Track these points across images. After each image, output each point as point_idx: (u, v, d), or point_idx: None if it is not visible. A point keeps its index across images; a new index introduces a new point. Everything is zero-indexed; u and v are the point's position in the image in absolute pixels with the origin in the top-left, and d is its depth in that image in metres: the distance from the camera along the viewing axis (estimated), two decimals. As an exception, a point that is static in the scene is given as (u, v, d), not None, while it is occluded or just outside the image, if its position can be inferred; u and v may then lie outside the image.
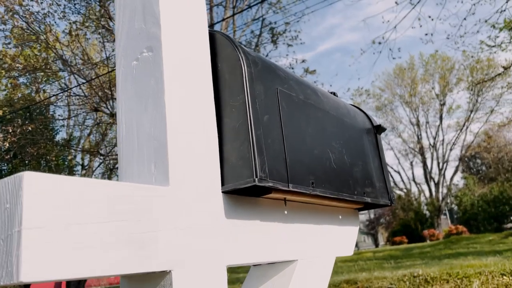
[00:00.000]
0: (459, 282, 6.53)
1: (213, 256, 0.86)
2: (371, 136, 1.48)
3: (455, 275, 6.78)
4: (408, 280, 7.20)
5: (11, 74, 18.21)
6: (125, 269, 0.69)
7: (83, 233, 0.64)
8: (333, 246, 1.27)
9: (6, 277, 0.57)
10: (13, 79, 18.54)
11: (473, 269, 6.89)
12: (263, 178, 0.90)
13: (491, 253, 10.25)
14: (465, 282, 6.50)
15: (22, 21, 15.74)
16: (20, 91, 19.89)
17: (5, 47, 17.53)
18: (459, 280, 6.58)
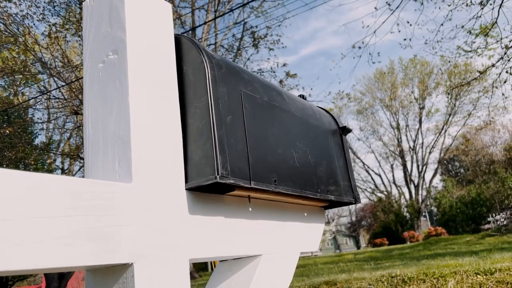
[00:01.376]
0: (435, 282, 6.68)
1: (176, 250, 0.90)
2: (337, 137, 1.54)
3: (432, 275, 6.93)
4: (386, 281, 7.32)
5: (-12, 77, 17.87)
6: (88, 261, 0.72)
7: (44, 227, 0.67)
8: (297, 242, 1.32)
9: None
10: (-10, 82, 18.20)
11: (448, 269, 7.05)
12: (225, 175, 0.94)
13: (468, 254, 10.49)
14: (441, 281, 6.65)
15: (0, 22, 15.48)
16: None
17: (-18, 49, 17.20)
18: (435, 280, 6.73)
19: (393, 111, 38.70)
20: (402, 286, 7.00)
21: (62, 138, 25.45)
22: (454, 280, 6.57)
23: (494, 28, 14.41)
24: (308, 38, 67.49)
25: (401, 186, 42.17)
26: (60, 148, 24.57)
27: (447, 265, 7.73)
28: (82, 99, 14.81)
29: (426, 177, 44.80)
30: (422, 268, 7.78)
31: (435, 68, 34.22)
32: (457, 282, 6.50)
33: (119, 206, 0.81)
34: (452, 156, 40.21)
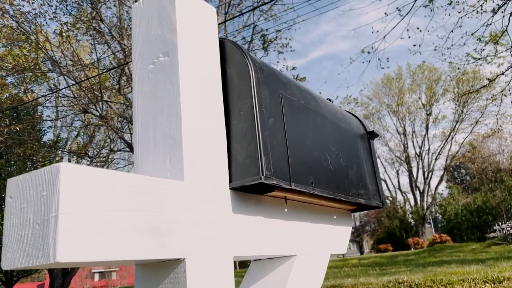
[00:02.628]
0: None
1: (222, 247, 0.92)
2: (365, 141, 1.56)
3: (439, 282, 6.91)
4: (393, 287, 7.30)
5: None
6: (145, 255, 0.75)
7: (108, 220, 0.70)
8: (328, 243, 1.34)
9: (42, 258, 0.63)
10: (0, 79, 18.36)
11: (456, 276, 7.03)
12: (269, 176, 0.97)
13: (474, 262, 10.44)
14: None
15: (12, 20, 15.63)
16: (8, 91, 19.70)
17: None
18: (443, 287, 6.71)
19: (400, 117, 38.61)
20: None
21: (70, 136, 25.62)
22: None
23: (504, 36, 14.36)
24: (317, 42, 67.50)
25: (406, 192, 42.03)
26: (68, 146, 24.72)
27: (454, 272, 7.70)
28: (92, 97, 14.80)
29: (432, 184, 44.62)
30: (429, 275, 7.76)
31: (443, 75, 34.13)
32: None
33: (172, 203, 0.83)
34: (459, 163, 40.02)
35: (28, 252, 0.65)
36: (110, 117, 18.97)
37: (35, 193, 0.67)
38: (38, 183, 0.67)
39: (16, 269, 0.66)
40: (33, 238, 0.65)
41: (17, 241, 0.67)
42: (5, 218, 0.70)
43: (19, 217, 0.68)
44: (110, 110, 19.47)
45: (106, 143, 24.73)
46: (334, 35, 67.77)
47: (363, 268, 13.48)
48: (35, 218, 0.66)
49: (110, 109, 19.03)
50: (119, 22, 16.60)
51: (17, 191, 0.70)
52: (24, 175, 0.70)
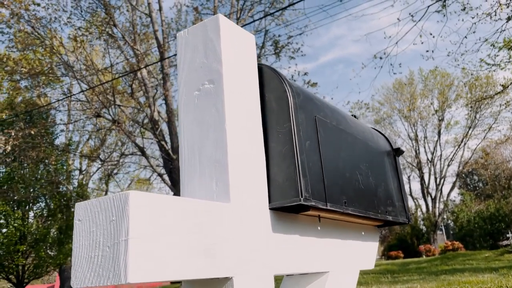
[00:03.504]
0: (457, 298, 6.63)
1: (264, 265, 0.97)
2: (391, 158, 1.60)
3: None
4: (406, 295, 7.28)
5: (13, 78, 18.34)
6: (200, 274, 0.80)
7: (170, 243, 0.76)
8: (357, 259, 1.39)
9: (114, 278, 0.69)
10: (14, 82, 18.67)
11: (470, 286, 6.99)
12: (307, 197, 1.02)
13: (487, 270, 10.34)
14: (462, 298, 6.59)
15: (27, 25, 15.90)
16: (22, 95, 20.00)
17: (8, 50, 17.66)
18: (457, 296, 6.68)
19: (412, 122, 38.37)
20: (423, 301, 6.95)
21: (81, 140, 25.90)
22: (477, 297, 6.51)
23: (519, 42, 14.25)
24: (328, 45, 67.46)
25: (417, 199, 41.67)
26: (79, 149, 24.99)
27: (468, 281, 7.64)
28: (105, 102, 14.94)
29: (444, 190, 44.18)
30: (442, 283, 7.72)
31: (455, 80, 33.88)
32: (480, 299, 6.44)
33: (222, 224, 0.89)
34: (471, 169, 39.63)
35: (99, 273, 0.71)
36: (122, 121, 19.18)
37: (104, 217, 0.73)
38: (107, 208, 0.73)
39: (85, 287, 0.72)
40: (103, 260, 0.71)
41: (87, 261, 0.73)
42: (74, 239, 0.76)
43: (89, 239, 0.74)
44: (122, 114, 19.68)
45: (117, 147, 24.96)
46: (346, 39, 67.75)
47: (375, 275, 13.41)
48: (105, 241, 0.72)
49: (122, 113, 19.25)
50: (132, 27, 16.80)
51: (86, 215, 0.76)
52: (92, 200, 0.76)
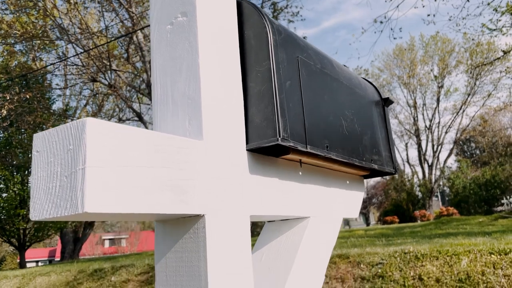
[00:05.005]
0: (449, 259, 6.75)
1: (240, 206, 0.95)
2: (379, 108, 1.55)
3: (445, 252, 6.99)
4: (399, 256, 7.42)
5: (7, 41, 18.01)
6: (168, 209, 0.77)
7: (133, 175, 0.72)
8: (340, 208, 1.37)
9: (71, 208, 0.66)
10: (9, 46, 18.35)
11: (462, 248, 7.11)
12: (285, 138, 0.98)
13: (481, 234, 10.52)
14: (454, 259, 6.72)
15: (20, -14, 15.47)
16: (17, 59, 19.73)
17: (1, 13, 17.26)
18: (449, 258, 6.80)
19: (411, 89, 38.16)
20: (415, 263, 7.09)
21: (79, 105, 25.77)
22: (468, 259, 6.63)
23: (522, 6, 13.95)
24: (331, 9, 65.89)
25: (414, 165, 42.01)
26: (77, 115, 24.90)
27: (460, 243, 7.78)
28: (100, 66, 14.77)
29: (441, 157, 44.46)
30: (435, 245, 7.85)
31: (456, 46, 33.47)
32: (471, 260, 6.56)
33: (193, 161, 0.85)
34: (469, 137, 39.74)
35: (57, 203, 0.67)
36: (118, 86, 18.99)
37: (62, 147, 0.69)
38: (64, 137, 0.69)
39: (44, 220, 0.69)
40: (61, 190, 0.68)
41: (45, 193, 0.69)
42: (32, 172, 0.72)
43: (46, 170, 0.70)
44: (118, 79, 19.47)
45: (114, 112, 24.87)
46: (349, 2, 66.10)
47: (370, 239, 13.66)
48: (62, 171, 0.68)
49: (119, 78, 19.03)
50: (127, -11, 16.38)
51: (44, 146, 0.72)
52: (50, 130, 0.71)
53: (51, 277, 12.84)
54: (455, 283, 6.15)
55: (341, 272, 7.56)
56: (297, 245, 1.14)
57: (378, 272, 7.11)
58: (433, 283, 6.33)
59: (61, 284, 11.94)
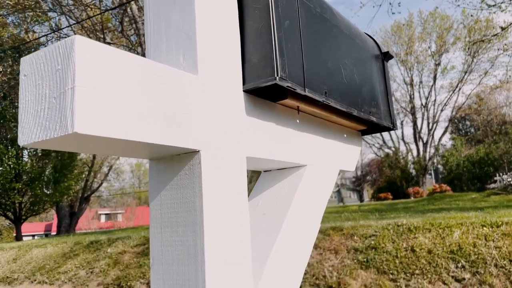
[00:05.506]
0: (441, 232, 6.84)
1: (236, 145, 0.92)
2: (379, 61, 1.52)
3: (438, 225, 7.08)
4: (392, 229, 7.50)
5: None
6: (161, 139, 0.75)
7: (125, 99, 0.69)
8: (337, 159, 1.35)
9: (60, 129, 0.63)
10: (1, 18, 17.98)
11: (455, 220, 7.19)
12: (283, 78, 0.95)
13: (473, 209, 10.64)
14: (446, 231, 6.80)
15: (10, -46, 15.06)
16: (9, 31, 19.35)
17: (-7, -17, 16.85)
18: (441, 230, 6.89)
19: (408, 67, 37.97)
20: (408, 235, 7.18)
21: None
22: (460, 231, 6.72)
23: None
24: (329, -15, 64.95)
25: (409, 143, 42.19)
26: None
27: (453, 217, 7.87)
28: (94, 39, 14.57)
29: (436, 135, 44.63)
30: (428, 219, 7.95)
31: (455, 23, 33.16)
32: (463, 233, 6.65)
33: (189, 94, 0.82)
34: (464, 115, 39.82)
35: (45, 126, 0.65)
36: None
37: (50, 68, 0.66)
38: (52, 57, 0.66)
39: (33, 144, 0.66)
40: (50, 112, 0.65)
41: (34, 116, 0.67)
42: (20, 96, 0.69)
43: (35, 93, 0.67)
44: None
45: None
46: (346, -23, 65.05)
47: (363, 213, 13.81)
48: (51, 93, 0.65)
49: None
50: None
51: (31, 68, 0.69)
52: (38, 52, 0.68)
53: (48, 248, 12.93)
54: (446, 254, 6.24)
55: (335, 244, 7.66)
56: (293, 192, 1.12)
57: (371, 244, 7.21)
58: (425, 254, 6.42)
59: (57, 256, 12.05)
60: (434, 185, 30.40)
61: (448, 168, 35.19)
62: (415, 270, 6.21)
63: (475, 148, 34.52)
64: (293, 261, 1.08)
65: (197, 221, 0.81)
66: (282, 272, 1.03)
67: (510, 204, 12.40)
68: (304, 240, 1.13)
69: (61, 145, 0.67)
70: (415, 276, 6.13)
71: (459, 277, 5.81)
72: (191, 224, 0.83)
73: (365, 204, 26.05)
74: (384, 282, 6.27)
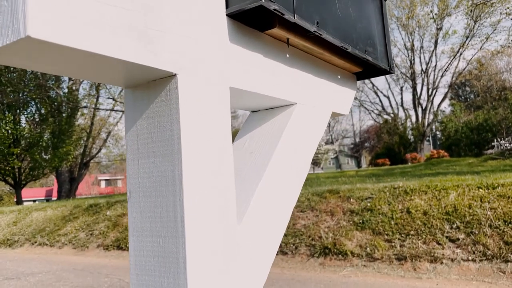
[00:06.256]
0: (437, 194, 6.87)
1: (217, 73, 0.86)
2: (376, 0, 1.43)
3: (434, 187, 7.10)
4: (388, 191, 7.53)
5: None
6: (133, 57, 0.68)
7: (89, 7, 0.62)
8: (330, 100, 1.29)
9: (13, 35, 0.56)
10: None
11: (451, 183, 7.21)
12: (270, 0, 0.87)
13: (470, 173, 10.67)
14: (442, 193, 6.83)
15: None
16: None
17: None
18: (437, 192, 6.91)
19: (409, 31, 37.30)
20: (404, 197, 7.22)
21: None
22: (456, 193, 6.75)
23: None
24: None
25: (408, 109, 42.04)
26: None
27: (449, 179, 7.89)
28: None
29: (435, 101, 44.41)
30: (424, 181, 7.97)
31: (458, -14, 32.29)
32: (459, 194, 6.68)
33: (161, 10, 0.75)
34: (464, 80, 39.47)
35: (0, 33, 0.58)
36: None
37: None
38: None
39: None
40: (2, 17, 0.58)
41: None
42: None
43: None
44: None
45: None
46: None
47: (360, 178, 13.88)
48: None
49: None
50: None
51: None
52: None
53: (47, 212, 13.05)
54: (441, 216, 6.29)
55: (331, 206, 7.71)
56: (281, 131, 1.06)
57: (367, 206, 7.25)
58: (420, 215, 6.47)
59: (57, 218, 12.17)
60: (432, 151, 30.50)
61: (446, 134, 35.23)
62: (410, 231, 6.27)
63: (474, 114, 34.42)
64: (278, 202, 1.03)
65: (175, 150, 0.76)
66: (267, 212, 0.99)
67: (506, 168, 12.45)
68: (291, 182, 1.08)
69: (16, 55, 0.61)
70: (410, 237, 6.19)
71: (454, 238, 5.87)
72: (168, 154, 0.77)
73: (363, 170, 26.20)
74: (379, 242, 6.34)
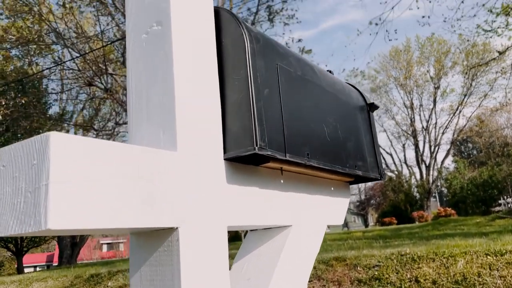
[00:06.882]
0: (445, 261, 6.74)
1: (216, 217, 0.93)
2: (364, 113, 1.55)
3: (441, 254, 6.99)
4: (395, 258, 7.40)
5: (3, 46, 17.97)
6: (136, 223, 0.76)
7: (99, 189, 0.71)
8: (324, 215, 1.35)
9: (35, 225, 0.64)
10: (5, 51, 18.32)
11: (458, 249, 7.10)
12: (263, 147, 0.97)
13: (478, 235, 10.51)
14: (450, 261, 6.71)
15: (14, -9, 15.44)
16: (13, 63, 19.67)
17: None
18: (445, 259, 6.79)
19: (407, 90, 38.21)
20: (412, 265, 7.08)
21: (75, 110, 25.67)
22: (464, 260, 6.63)
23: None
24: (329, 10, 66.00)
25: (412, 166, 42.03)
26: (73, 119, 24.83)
27: (457, 245, 7.77)
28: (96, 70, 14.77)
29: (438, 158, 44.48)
30: (431, 247, 7.84)
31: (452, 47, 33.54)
32: (467, 262, 6.55)
33: (165, 173, 0.84)
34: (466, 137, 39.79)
35: (21, 220, 0.66)
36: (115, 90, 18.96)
37: (26, 162, 0.68)
38: (29, 152, 0.68)
39: (10, 236, 0.68)
40: (26, 206, 0.66)
41: (11, 209, 0.68)
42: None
43: (12, 185, 0.69)
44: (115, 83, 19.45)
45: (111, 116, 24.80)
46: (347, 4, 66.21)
47: (367, 240, 13.64)
48: (27, 187, 0.67)
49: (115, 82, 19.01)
50: (122, -7, 16.39)
51: (10, 160, 0.71)
52: (16, 144, 0.70)
53: (48, 282, 12.75)
54: (451, 285, 6.13)
55: (338, 275, 7.54)
56: (278, 255, 1.12)
57: (375, 275, 7.09)
58: (430, 285, 6.31)
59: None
60: (439, 209, 30.10)
61: (452, 191, 34.95)
62: (419, 302, 6.09)
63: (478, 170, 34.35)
64: (278, 327, 1.07)
65: (176, 299, 0.82)
66: None
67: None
68: (290, 303, 1.12)
69: (37, 234, 0.69)
70: (420, 308, 6.00)
71: (465, 309, 5.69)
72: (170, 301, 0.83)
73: (370, 230, 25.75)
74: (389, 314, 6.13)
